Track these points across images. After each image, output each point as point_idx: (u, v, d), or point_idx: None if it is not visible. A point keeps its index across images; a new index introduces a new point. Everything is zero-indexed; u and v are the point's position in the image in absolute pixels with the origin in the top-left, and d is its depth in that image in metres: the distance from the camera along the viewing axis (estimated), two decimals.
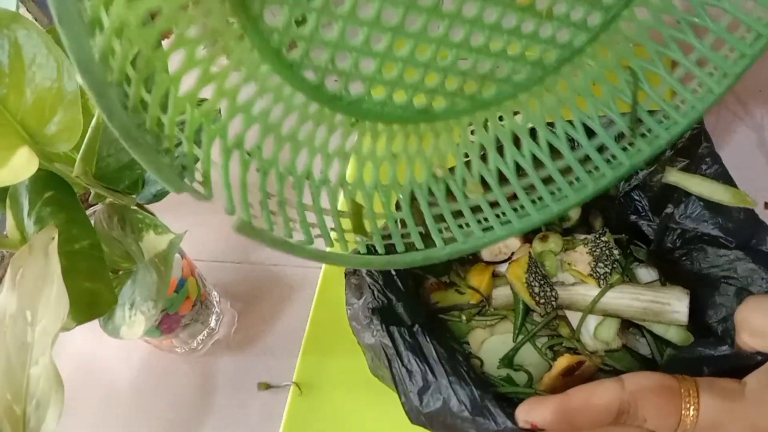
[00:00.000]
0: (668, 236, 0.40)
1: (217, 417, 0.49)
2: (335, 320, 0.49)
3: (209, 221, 0.59)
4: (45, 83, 0.32)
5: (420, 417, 0.34)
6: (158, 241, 0.38)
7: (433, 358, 0.35)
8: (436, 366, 0.34)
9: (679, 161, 0.39)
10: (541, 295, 0.40)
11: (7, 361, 0.32)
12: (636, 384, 0.29)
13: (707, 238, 0.37)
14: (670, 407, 0.28)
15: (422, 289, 0.44)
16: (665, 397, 0.28)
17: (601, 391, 0.29)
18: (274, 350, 0.51)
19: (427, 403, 0.34)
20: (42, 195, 0.36)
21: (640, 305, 0.38)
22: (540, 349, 0.40)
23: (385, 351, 0.36)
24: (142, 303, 0.38)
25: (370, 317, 0.37)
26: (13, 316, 0.32)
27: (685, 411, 0.28)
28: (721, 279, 0.36)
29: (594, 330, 0.39)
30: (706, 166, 0.38)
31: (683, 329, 0.38)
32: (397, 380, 0.35)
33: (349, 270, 0.40)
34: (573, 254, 0.41)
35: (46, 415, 0.30)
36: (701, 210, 0.38)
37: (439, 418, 0.33)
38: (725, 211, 0.37)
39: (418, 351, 0.35)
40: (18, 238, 0.37)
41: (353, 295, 0.39)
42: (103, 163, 0.39)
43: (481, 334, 0.42)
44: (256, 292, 0.55)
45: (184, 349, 0.51)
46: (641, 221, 0.42)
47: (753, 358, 0.30)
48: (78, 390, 0.51)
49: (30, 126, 0.33)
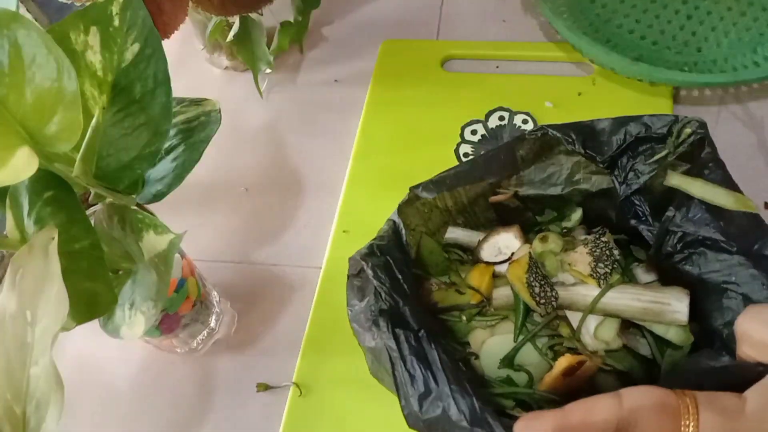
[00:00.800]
0: (668, 240, 0.39)
1: (217, 417, 0.49)
2: (335, 321, 0.49)
3: (209, 221, 0.59)
4: (45, 83, 0.32)
5: (418, 422, 0.34)
6: (158, 241, 0.38)
7: (436, 366, 0.35)
8: (438, 373, 0.34)
9: (680, 166, 0.39)
10: (541, 295, 0.40)
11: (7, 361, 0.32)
12: (635, 401, 0.29)
13: (708, 242, 0.37)
14: (669, 425, 0.28)
15: (422, 289, 0.44)
16: (664, 415, 0.28)
17: (599, 409, 0.29)
18: (274, 350, 0.51)
19: (427, 410, 0.34)
20: (42, 195, 0.36)
21: (640, 305, 0.38)
22: (540, 349, 0.40)
23: (389, 354, 0.35)
24: (142, 303, 0.38)
25: (375, 319, 0.37)
26: (13, 316, 0.32)
27: (684, 429, 0.28)
28: (721, 284, 0.36)
29: (594, 330, 0.39)
30: (709, 171, 0.38)
31: (683, 329, 0.38)
32: (398, 383, 0.35)
33: (352, 272, 0.40)
34: (573, 254, 0.41)
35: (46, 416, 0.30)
36: (703, 213, 0.37)
37: (438, 425, 0.33)
38: (728, 214, 0.36)
39: (422, 356, 0.35)
40: (18, 238, 0.37)
41: (355, 296, 0.39)
42: (103, 163, 0.39)
43: (482, 334, 0.42)
44: (256, 292, 0.55)
45: (184, 349, 0.51)
46: (641, 225, 0.42)
47: (755, 369, 0.30)
48: (78, 390, 0.51)
49: (30, 126, 0.33)
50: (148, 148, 0.40)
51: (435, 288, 0.44)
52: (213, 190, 0.61)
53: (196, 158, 0.43)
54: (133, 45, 0.38)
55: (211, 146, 0.43)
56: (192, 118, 0.45)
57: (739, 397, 0.29)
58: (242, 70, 0.69)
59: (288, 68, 0.70)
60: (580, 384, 0.38)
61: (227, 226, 0.58)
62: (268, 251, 0.57)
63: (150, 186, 0.43)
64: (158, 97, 0.39)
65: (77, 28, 0.38)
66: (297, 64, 0.70)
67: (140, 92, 0.39)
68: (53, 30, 0.37)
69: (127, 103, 0.39)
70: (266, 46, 0.64)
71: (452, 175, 0.43)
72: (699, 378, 0.33)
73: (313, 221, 0.58)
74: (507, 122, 0.60)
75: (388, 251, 0.40)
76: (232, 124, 0.65)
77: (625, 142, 0.40)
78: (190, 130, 0.44)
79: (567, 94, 0.61)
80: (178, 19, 0.50)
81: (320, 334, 0.51)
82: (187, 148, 0.43)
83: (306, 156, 0.62)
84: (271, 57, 0.65)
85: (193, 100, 0.46)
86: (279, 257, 0.56)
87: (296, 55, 0.71)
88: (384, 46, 0.68)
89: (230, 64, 0.69)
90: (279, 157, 0.63)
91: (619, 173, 0.41)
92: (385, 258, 0.39)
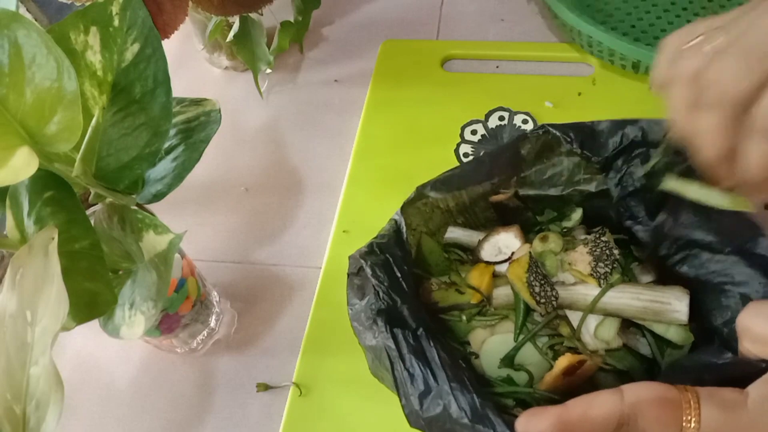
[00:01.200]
0: (663, 243, 0.40)
1: (217, 417, 0.49)
2: (335, 320, 0.49)
3: (209, 221, 0.59)
4: (45, 83, 0.32)
5: (419, 421, 0.34)
6: (158, 241, 0.38)
7: (436, 363, 0.35)
8: (438, 371, 0.34)
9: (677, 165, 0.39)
10: (541, 294, 0.40)
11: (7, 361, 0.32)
12: (636, 395, 0.29)
13: (702, 243, 0.37)
14: (670, 419, 0.28)
15: (422, 288, 0.44)
16: (666, 409, 0.28)
17: (600, 403, 0.29)
18: (274, 350, 0.51)
19: (428, 408, 0.34)
20: (42, 195, 0.36)
21: (641, 305, 0.38)
22: (541, 349, 0.40)
23: (388, 353, 0.35)
24: (142, 303, 0.38)
25: (374, 318, 0.37)
26: (13, 316, 0.32)
27: (686, 423, 0.28)
28: (719, 283, 0.36)
29: (594, 329, 0.39)
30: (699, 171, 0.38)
31: (684, 329, 0.38)
32: (398, 383, 0.35)
33: (352, 270, 0.40)
34: (573, 254, 0.41)
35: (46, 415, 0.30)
36: (694, 216, 0.38)
37: (439, 423, 0.33)
38: (718, 215, 0.37)
39: (421, 355, 0.35)
40: (18, 238, 0.37)
41: (355, 295, 0.39)
42: (103, 163, 0.39)
43: (482, 333, 0.42)
44: (256, 292, 0.55)
45: (184, 349, 0.51)
46: (636, 227, 0.42)
47: (757, 365, 0.30)
48: (78, 390, 0.51)
49: (30, 126, 0.33)
50: (148, 148, 0.40)
51: (435, 288, 0.44)
52: (213, 190, 0.61)
53: (196, 158, 0.43)
54: (133, 45, 0.38)
55: (211, 146, 0.43)
56: (192, 118, 0.45)
57: (740, 392, 0.28)
58: (242, 70, 0.69)
59: (288, 68, 0.70)
60: (580, 383, 0.38)
61: (227, 226, 0.58)
62: (268, 251, 0.57)
63: (150, 186, 0.43)
64: (158, 97, 0.39)
65: (77, 28, 0.38)
66: (297, 64, 0.70)
67: (140, 92, 0.39)
68: (53, 30, 0.37)
69: (127, 103, 0.39)
70: (266, 46, 0.65)
71: (459, 174, 0.43)
72: (700, 374, 0.33)
73: (313, 221, 0.58)
74: (507, 122, 0.60)
75: (388, 250, 0.40)
76: (232, 124, 0.65)
77: (621, 144, 0.40)
78: (190, 130, 0.44)
79: (567, 94, 0.61)
80: (178, 19, 0.50)
81: (320, 334, 0.51)
82: (187, 148, 0.43)
83: (306, 156, 0.62)
84: (271, 57, 0.65)
85: (193, 100, 0.46)
86: (279, 257, 0.56)
87: (296, 55, 0.71)
88: (384, 46, 0.68)
89: (230, 64, 0.69)
90: (279, 157, 0.63)
91: (614, 175, 0.41)
92: (384, 256, 0.39)
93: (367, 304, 0.38)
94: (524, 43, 0.66)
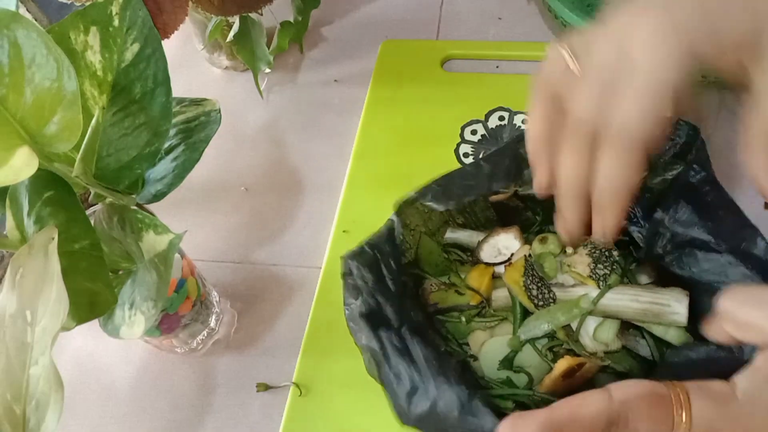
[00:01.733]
0: (658, 241, 0.40)
1: (217, 417, 0.49)
2: (335, 320, 0.49)
3: (209, 221, 0.59)
4: (45, 83, 0.32)
5: (410, 420, 0.34)
6: (158, 241, 0.38)
7: (420, 361, 0.35)
8: (423, 369, 0.34)
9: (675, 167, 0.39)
10: (539, 297, 0.40)
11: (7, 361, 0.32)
12: (624, 393, 0.28)
13: (698, 242, 0.37)
14: (662, 415, 0.28)
15: (422, 290, 0.44)
16: (656, 405, 0.28)
17: (588, 403, 0.28)
18: (274, 350, 0.51)
19: (416, 406, 0.34)
20: (42, 195, 0.36)
21: (640, 306, 0.38)
22: (540, 351, 0.40)
23: (374, 356, 0.36)
24: (141, 303, 0.38)
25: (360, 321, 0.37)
26: (13, 316, 0.32)
27: (677, 417, 0.27)
28: (714, 283, 0.36)
29: (594, 331, 0.39)
30: (695, 172, 0.38)
31: (683, 330, 0.38)
32: (385, 384, 0.35)
33: (345, 271, 0.40)
34: (572, 256, 0.41)
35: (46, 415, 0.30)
36: (691, 214, 0.38)
37: (429, 420, 0.33)
38: (715, 215, 0.37)
39: (405, 354, 0.35)
40: (18, 238, 0.37)
41: (351, 295, 0.39)
42: (103, 163, 0.39)
43: (481, 335, 0.42)
44: (256, 292, 0.55)
45: (184, 349, 0.51)
46: (632, 227, 0.42)
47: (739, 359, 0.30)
48: (78, 390, 0.51)
49: (30, 126, 0.33)
50: (148, 148, 0.40)
51: (434, 289, 0.44)
52: (213, 190, 0.61)
53: (196, 158, 0.43)
54: (133, 45, 0.38)
55: (211, 146, 0.43)
56: (192, 118, 0.45)
57: (727, 384, 0.28)
58: (242, 70, 0.69)
59: (288, 68, 0.70)
60: (579, 385, 0.38)
61: (227, 226, 0.58)
62: (268, 251, 0.57)
63: (150, 186, 0.43)
64: (158, 97, 0.39)
65: (77, 28, 0.38)
66: (297, 64, 0.70)
67: (140, 92, 0.39)
68: (53, 30, 0.37)
69: (127, 103, 0.39)
70: (266, 46, 0.64)
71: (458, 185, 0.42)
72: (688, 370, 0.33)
73: (313, 221, 0.58)
74: (507, 122, 0.60)
75: (377, 249, 0.40)
76: (232, 124, 0.65)
77: None
78: (190, 130, 0.44)
79: None
80: (178, 19, 0.50)
81: (320, 334, 0.51)
82: (187, 148, 0.43)
83: (306, 156, 0.62)
84: (271, 57, 0.65)
85: (193, 100, 0.46)
86: (279, 257, 0.56)
87: (296, 55, 0.71)
88: (384, 46, 0.68)
89: (230, 64, 0.69)
90: (279, 157, 0.63)
91: None
92: (373, 256, 0.39)
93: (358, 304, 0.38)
94: (524, 42, 0.66)
